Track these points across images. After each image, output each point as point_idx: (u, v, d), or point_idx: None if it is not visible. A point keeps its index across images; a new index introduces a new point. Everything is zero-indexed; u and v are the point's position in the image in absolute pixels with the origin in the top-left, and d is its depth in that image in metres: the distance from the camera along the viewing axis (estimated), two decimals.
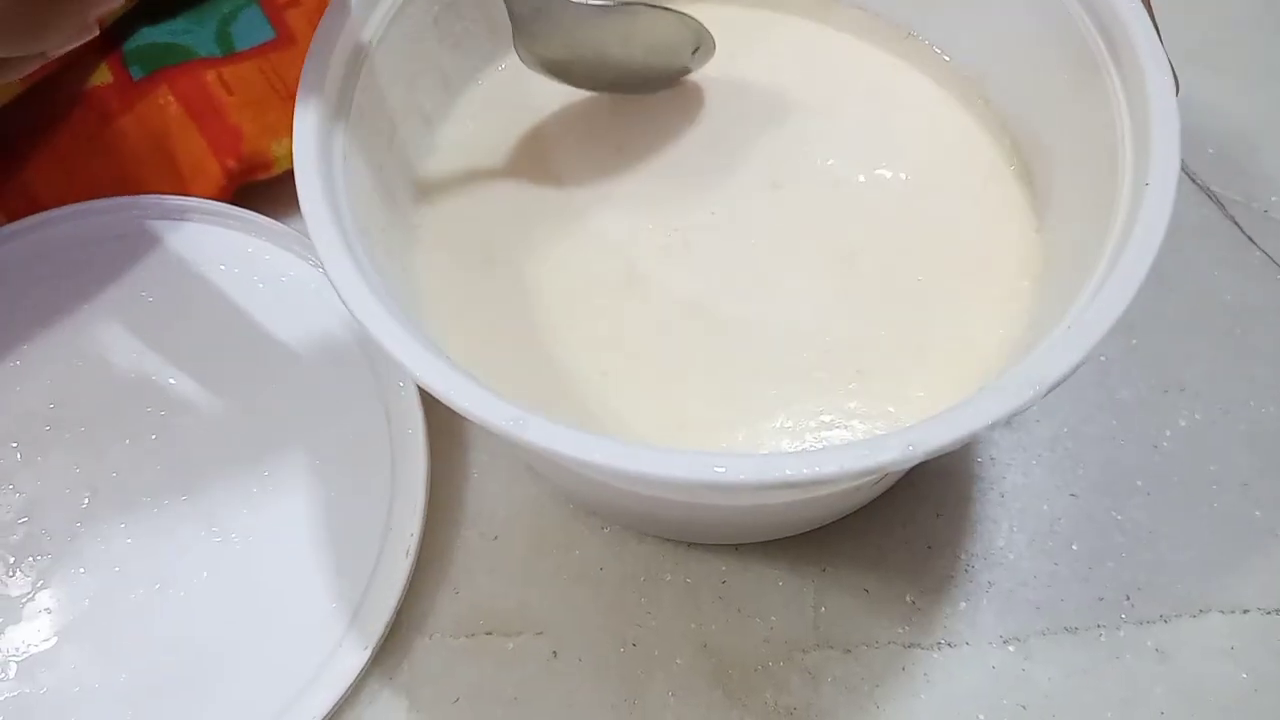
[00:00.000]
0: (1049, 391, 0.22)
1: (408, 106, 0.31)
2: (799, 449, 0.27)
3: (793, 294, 0.30)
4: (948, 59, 0.34)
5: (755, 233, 0.31)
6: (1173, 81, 0.25)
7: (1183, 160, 0.43)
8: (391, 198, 0.30)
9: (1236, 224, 0.42)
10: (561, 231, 0.32)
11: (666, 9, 0.32)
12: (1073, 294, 0.24)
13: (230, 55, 0.41)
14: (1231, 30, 0.47)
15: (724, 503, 0.29)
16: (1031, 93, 0.30)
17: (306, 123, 0.26)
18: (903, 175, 0.32)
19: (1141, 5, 0.26)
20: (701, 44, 0.33)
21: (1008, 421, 0.22)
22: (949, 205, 0.31)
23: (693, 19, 0.33)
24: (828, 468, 0.20)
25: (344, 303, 0.24)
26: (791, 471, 0.20)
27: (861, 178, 0.32)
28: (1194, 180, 0.43)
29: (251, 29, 0.42)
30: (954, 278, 0.30)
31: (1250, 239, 0.41)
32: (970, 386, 0.28)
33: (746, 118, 0.33)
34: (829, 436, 0.28)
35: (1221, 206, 0.42)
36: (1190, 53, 0.46)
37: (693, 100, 0.34)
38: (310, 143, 0.26)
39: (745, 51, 0.35)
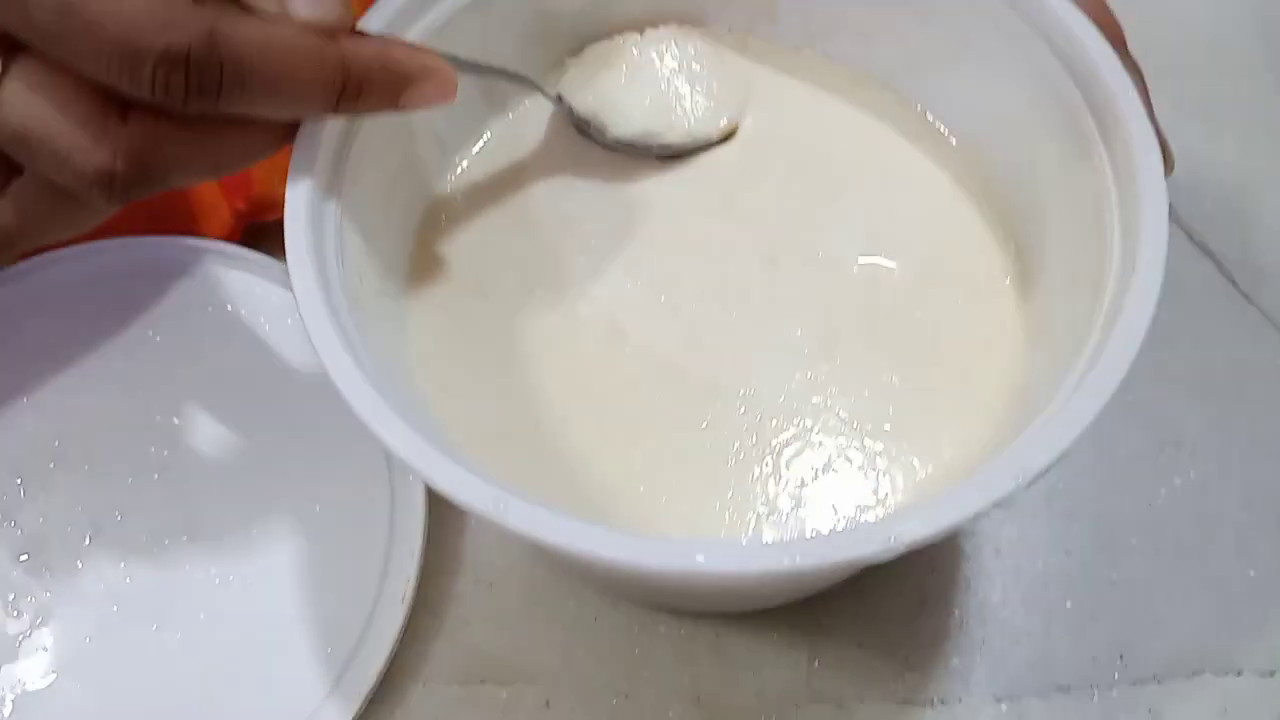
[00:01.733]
0: (1033, 482, 0.22)
1: (403, 172, 0.31)
2: (780, 532, 0.27)
3: (772, 372, 0.30)
4: (954, 141, 0.34)
5: (743, 306, 0.31)
6: (1163, 161, 0.26)
7: (1180, 215, 0.44)
8: (385, 264, 0.30)
9: (1233, 281, 0.42)
10: (555, 298, 0.32)
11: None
12: (1059, 378, 0.24)
13: None
14: (1232, 84, 0.47)
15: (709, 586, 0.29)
16: (1027, 166, 0.31)
17: (298, 195, 0.26)
18: (899, 268, 0.32)
19: (1133, 82, 0.27)
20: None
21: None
22: (941, 308, 0.31)
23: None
24: (808, 559, 0.21)
25: (329, 376, 0.24)
26: (772, 562, 0.21)
27: (858, 264, 0.32)
28: (1190, 235, 0.43)
29: None
30: (930, 386, 0.30)
31: (1246, 296, 0.42)
32: (939, 485, 0.28)
33: (754, 189, 0.33)
34: (808, 518, 0.28)
35: (1218, 263, 0.42)
36: (1189, 106, 0.46)
37: (704, 166, 0.34)
38: (301, 214, 0.26)
39: (767, 121, 0.35)
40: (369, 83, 0.25)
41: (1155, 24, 0.48)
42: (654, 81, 0.34)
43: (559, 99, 0.34)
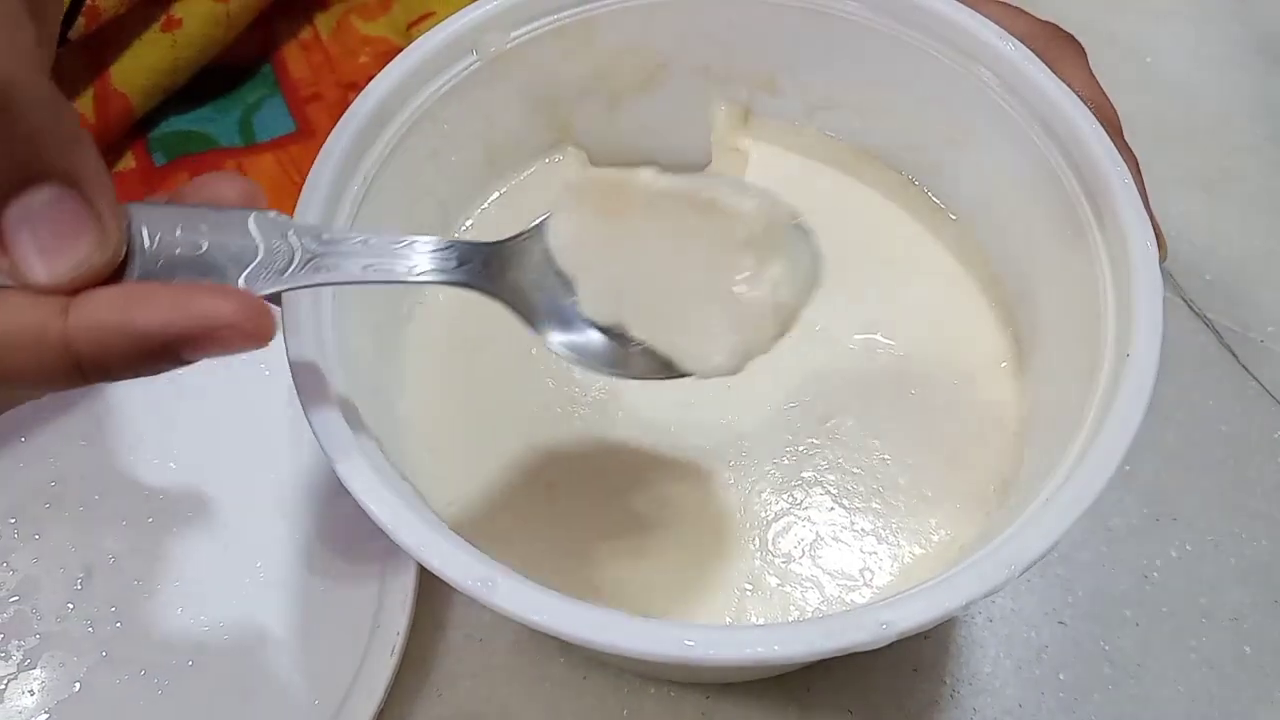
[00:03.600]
0: (1024, 571, 0.22)
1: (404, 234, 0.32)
2: (766, 608, 0.27)
3: (763, 444, 0.30)
4: (955, 220, 0.34)
5: (736, 377, 0.31)
6: (1156, 246, 0.26)
7: (1181, 287, 0.44)
8: (378, 331, 0.31)
9: (1233, 353, 0.42)
10: (549, 361, 0.32)
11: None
12: (1051, 466, 0.24)
13: (251, 146, 0.42)
14: (1235, 158, 0.47)
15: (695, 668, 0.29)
16: (1025, 249, 0.31)
17: None
18: (897, 346, 0.31)
19: (1127, 169, 0.27)
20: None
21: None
22: (936, 389, 0.31)
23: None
24: (796, 647, 0.21)
25: (321, 448, 0.24)
26: (762, 649, 0.21)
27: (855, 341, 0.32)
28: (1191, 307, 0.43)
29: (273, 120, 0.43)
30: (921, 466, 0.30)
31: (1246, 369, 0.42)
32: (926, 568, 0.28)
33: None
34: (794, 596, 0.28)
35: (1218, 335, 0.42)
36: (1194, 179, 0.46)
37: None
38: None
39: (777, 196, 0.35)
40: (109, 356, 0.21)
41: (1163, 98, 0.49)
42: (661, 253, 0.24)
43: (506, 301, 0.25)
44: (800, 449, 0.30)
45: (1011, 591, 0.38)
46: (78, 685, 0.35)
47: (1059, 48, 0.31)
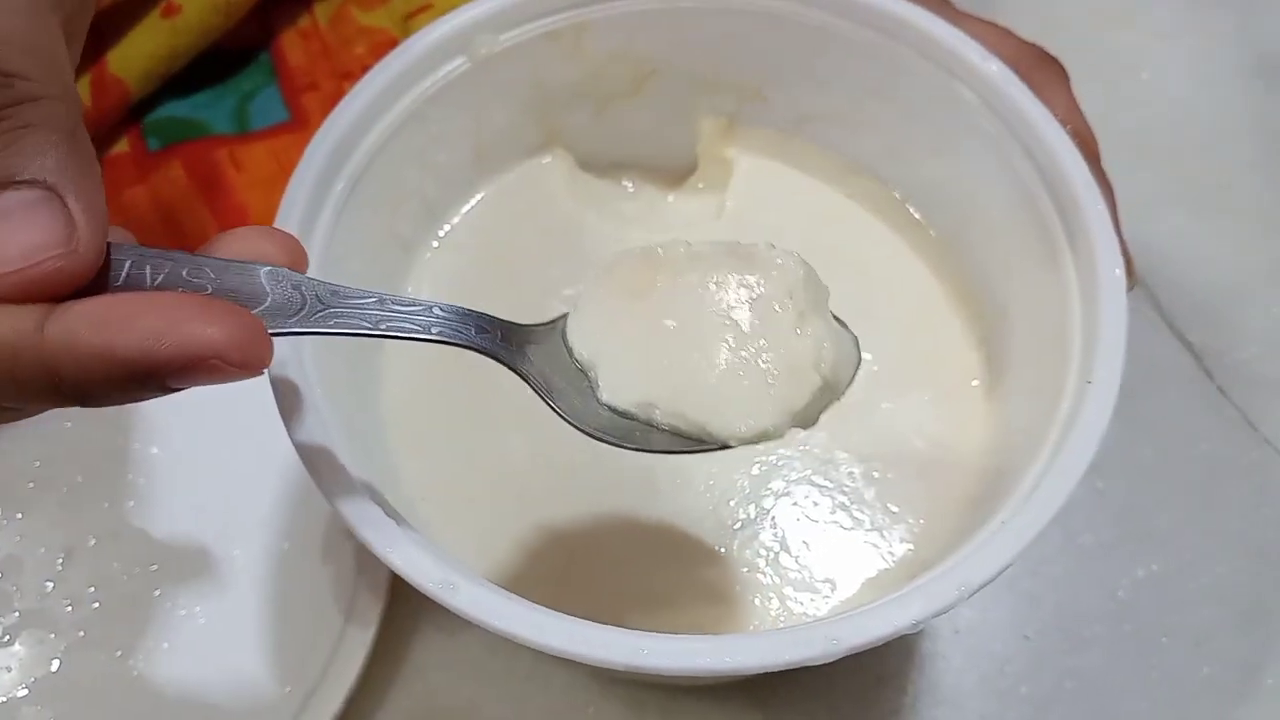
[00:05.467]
0: (975, 593, 0.22)
1: (388, 234, 0.32)
2: (729, 615, 0.28)
3: (735, 453, 0.30)
4: (934, 235, 0.34)
5: None
6: (1125, 274, 0.26)
7: (1163, 307, 0.44)
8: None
9: (1211, 377, 0.42)
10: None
11: None
12: (1011, 487, 0.24)
13: (244, 134, 0.42)
14: (1229, 178, 0.47)
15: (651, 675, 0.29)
16: (1000, 266, 0.31)
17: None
18: (872, 360, 0.31)
19: (1100, 194, 0.27)
20: None
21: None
22: (907, 405, 0.31)
23: None
24: (745, 659, 0.21)
25: (292, 444, 0.24)
26: (712, 660, 0.21)
27: None
28: (1172, 327, 0.43)
29: (267, 109, 0.43)
30: (888, 482, 0.30)
31: (1222, 391, 0.42)
32: (887, 584, 0.28)
33: None
34: (755, 605, 0.28)
35: (1198, 357, 0.43)
36: (1184, 197, 0.46)
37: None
38: None
39: (757, 208, 0.35)
40: (89, 379, 0.19)
41: (1159, 116, 0.49)
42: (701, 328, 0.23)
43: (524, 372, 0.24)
44: (772, 459, 0.31)
45: (979, 604, 0.38)
46: (56, 663, 0.35)
47: (1042, 71, 0.31)
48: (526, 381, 0.24)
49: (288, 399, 0.25)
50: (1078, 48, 0.35)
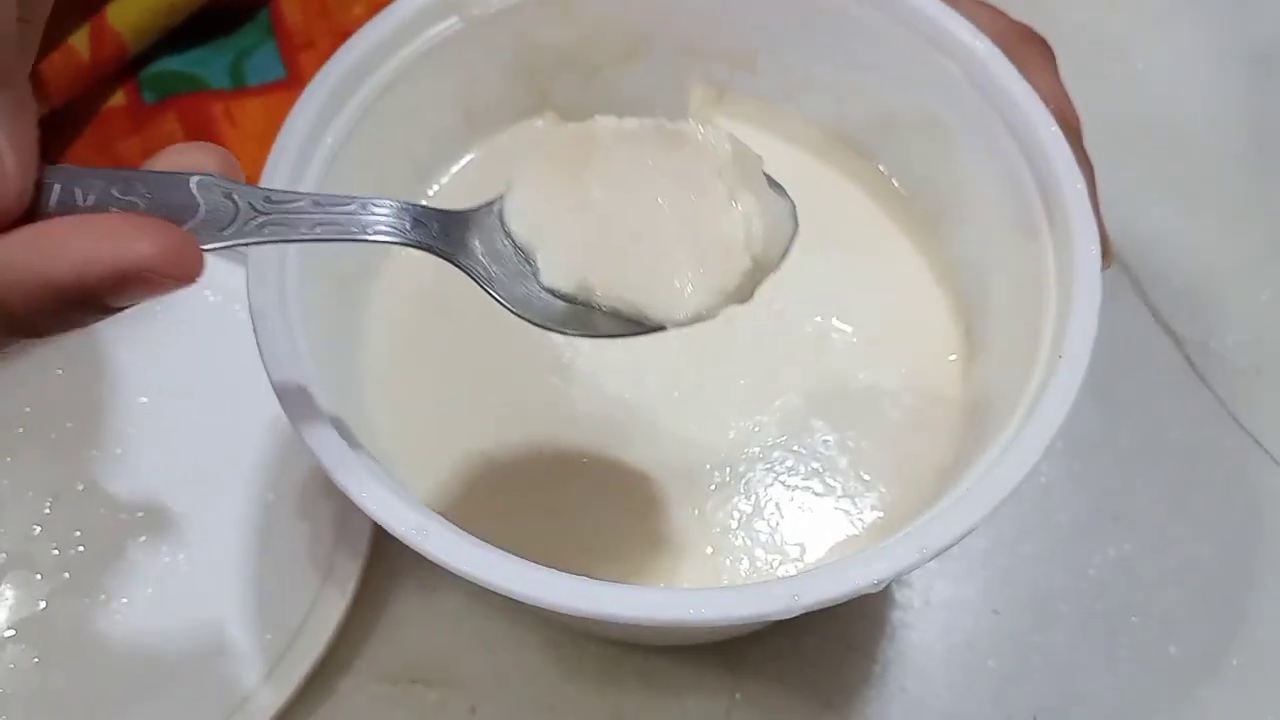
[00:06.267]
0: (934, 557, 0.23)
1: (378, 191, 0.32)
2: (699, 574, 0.28)
3: (712, 418, 0.31)
4: (919, 210, 0.34)
5: (691, 354, 0.31)
6: (1100, 253, 0.26)
7: (1147, 292, 0.44)
8: (343, 285, 0.31)
9: (1191, 364, 0.43)
10: (511, 325, 0.32)
11: None
12: (979, 459, 0.25)
13: (240, 89, 0.43)
14: (1217, 167, 0.48)
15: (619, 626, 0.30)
16: (981, 242, 0.31)
17: None
18: (852, 332, 0.32)
19: (1081, 173, 0.27)
20: None
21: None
22: (884, 376, 0.31)
23: None
24: (710, 612, 0.22)
25: (271, 384, 0.25)
26: (677, 611, 0.22)
27: (812, 324, 0.32)
28: (1155, 313, 0.44)
29: (264, 66, 0.43)
30: (861, 451, 0.30)
31: (1201, 378, 0.42)
32: (856, 548, 0.29)
33: None
34: (726, 565, 0.29)
35: (1178, 343, 0.43)
36: (1172, 186, 0.47)
37: None
38: None
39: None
40: (32, 314, 0.20)
41: (1149, 103, 0.49)
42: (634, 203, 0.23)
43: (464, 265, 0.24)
44: (748, 424, 0.31)
45: (952, 578, 0.39)
46: (42, 604, 0.36)
47: (1028, 49, 0.31)
48: (468, 274, 0.24)
49: (272, 347, 0.25)
50: (1070, 35, 0.35)
